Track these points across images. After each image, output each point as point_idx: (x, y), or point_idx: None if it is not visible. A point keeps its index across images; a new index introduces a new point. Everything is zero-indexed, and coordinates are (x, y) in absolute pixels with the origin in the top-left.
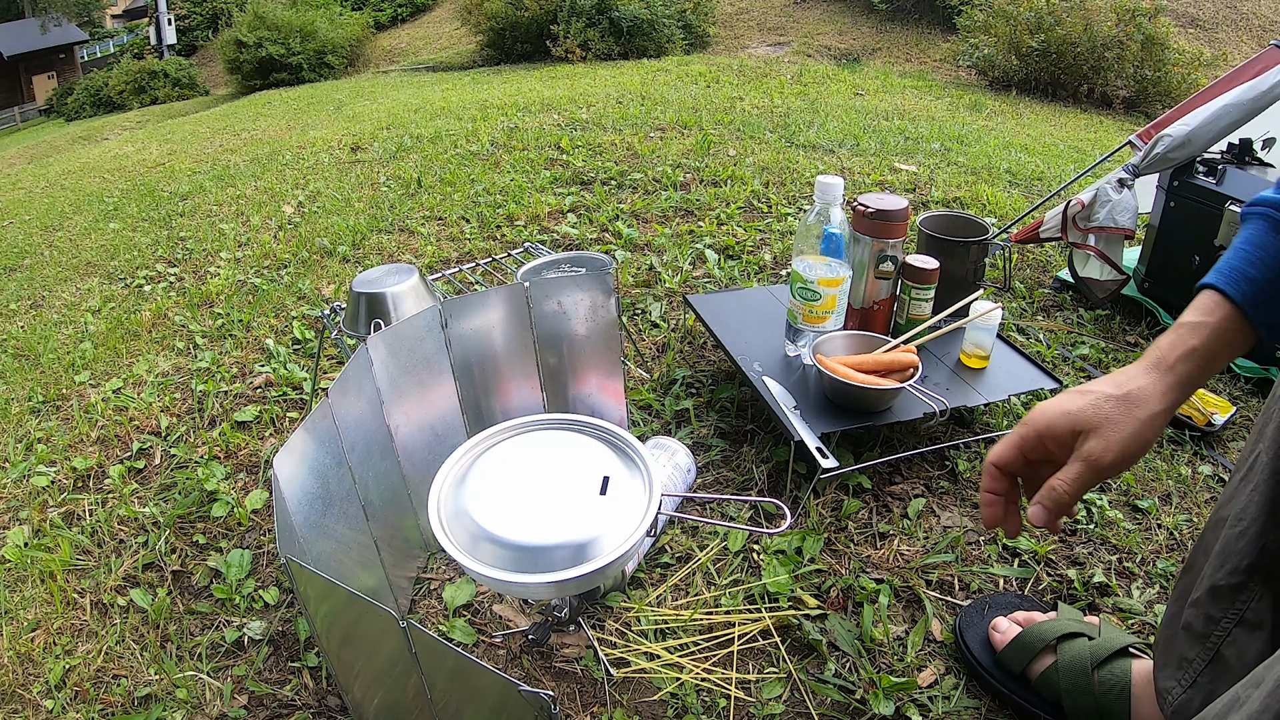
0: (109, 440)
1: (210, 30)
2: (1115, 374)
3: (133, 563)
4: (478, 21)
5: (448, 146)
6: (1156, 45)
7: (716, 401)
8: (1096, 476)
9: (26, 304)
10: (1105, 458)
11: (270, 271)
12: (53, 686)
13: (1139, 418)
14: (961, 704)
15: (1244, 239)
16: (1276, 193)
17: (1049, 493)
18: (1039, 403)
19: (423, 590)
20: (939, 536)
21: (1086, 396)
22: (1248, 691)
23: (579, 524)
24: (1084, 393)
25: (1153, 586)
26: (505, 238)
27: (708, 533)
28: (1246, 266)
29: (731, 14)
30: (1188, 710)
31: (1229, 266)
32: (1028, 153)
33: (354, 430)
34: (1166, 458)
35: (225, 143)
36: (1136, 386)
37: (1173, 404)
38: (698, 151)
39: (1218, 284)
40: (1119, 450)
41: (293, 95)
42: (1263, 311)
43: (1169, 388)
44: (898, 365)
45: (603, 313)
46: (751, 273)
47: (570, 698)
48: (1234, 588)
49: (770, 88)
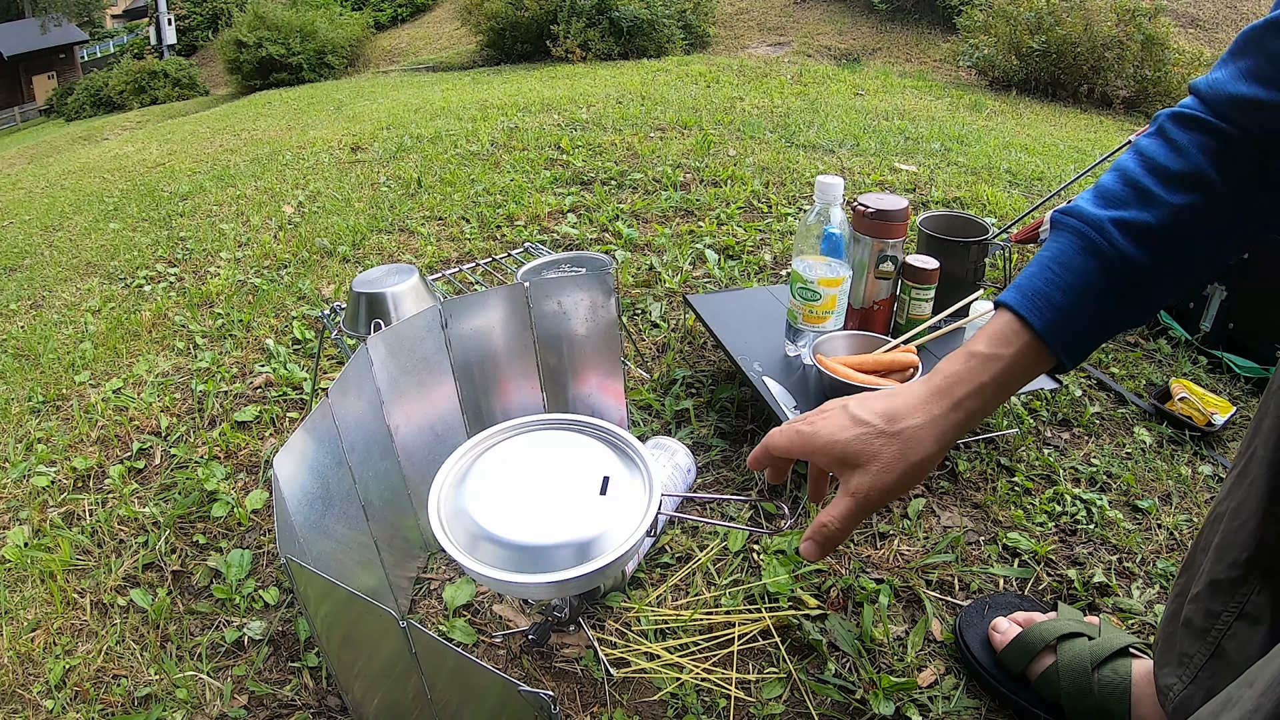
0: (109, 440)
1: (210, 30)
2: (894, 399)
3: (133, 563)
4: (478, 21)
5: (448, 146)
6: (1156, 45)
7: (716, 401)
8: (866, 513)
9: (26, 304)
10: (873, 496)
11: (270, 271)
12: (53, 686)
13: (911, 460)
14: (961, 704)
15: (1051, 255)
16: (1093, 205)
17: (820, 530)
18: (816, 416)
19: (423, 590)
20: (939, 536)
21: (859, 428)
22: (1240, 691)
23: (579, 524)
24: (857, 421)
25: (1153, 586)
26: (505, 238)
27: (708, 533)
28: (1051, 290)
29: (731, 14)
30: (1189, 706)
31: (1033, 289)
32: (1028, 153)
33: (354, 430)
34: (1166, 458)
35: (225, 143)
36: (912, 425)
37: (950, 443)
38: (698, 151)
39: (1018, 309)
40: (886, 491)
41: (293, 95)
42: (1064, 338)
43: (950, 427)
44: (898, 365)
45: (603, 313)
46: (751, 273)
47: (570, 698)
48: (1233, 582)
49: (770, 88)
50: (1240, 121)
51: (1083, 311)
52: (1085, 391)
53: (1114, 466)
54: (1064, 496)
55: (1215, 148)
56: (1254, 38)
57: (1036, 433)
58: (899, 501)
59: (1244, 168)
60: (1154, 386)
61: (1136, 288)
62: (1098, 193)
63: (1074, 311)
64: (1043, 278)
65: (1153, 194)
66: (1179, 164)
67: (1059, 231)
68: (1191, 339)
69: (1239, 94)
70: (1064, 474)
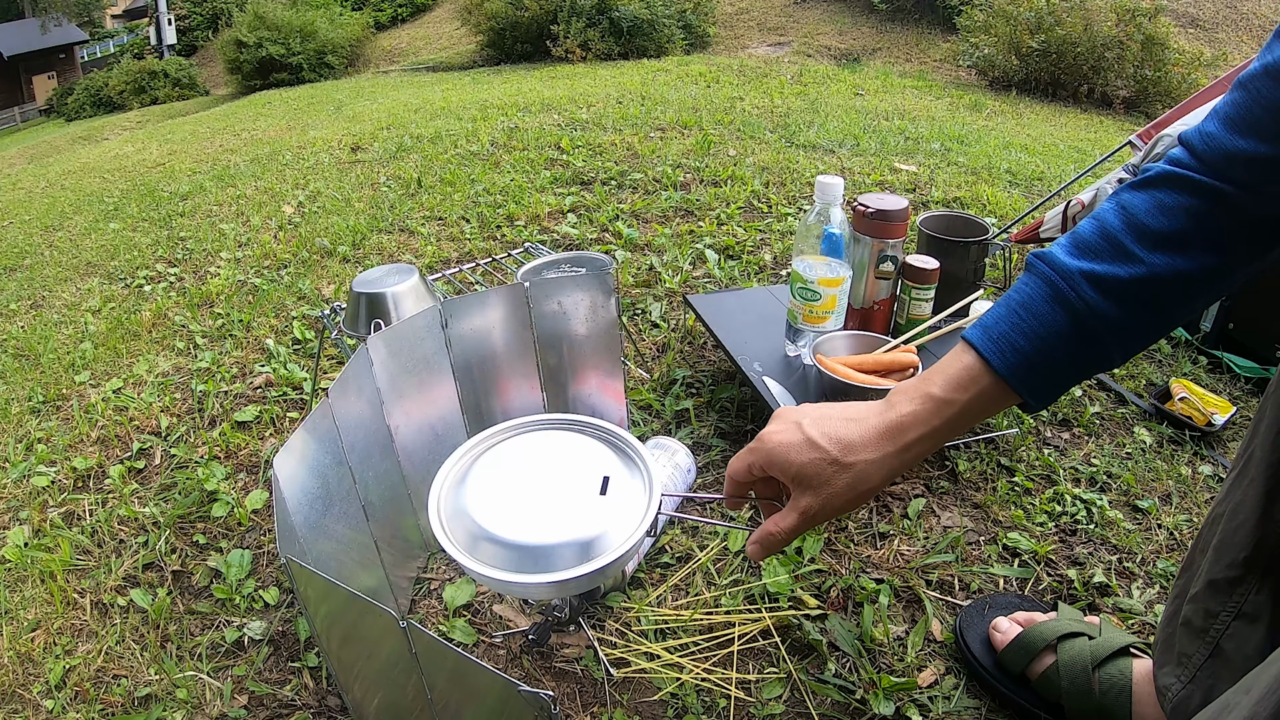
0: (109, 440)
1: (210, 30)
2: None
3: (133, 563)
4: (478, 21)
5: (448, 146)
6: (1156, 45)
7: (716, 401)
8: (810, 528)
9: (26, 304)
10: (820, 517)
11: (270, 271)
12: (53, 686)
13: (858, 490)
14: (962, 704)
15: (1020, 299)
16: (1066, 254)
17: (766, 538)
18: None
19: (423, 590)
20: (939, 536)
21: (813, 451)
22: (1238, 698)
23: (579, 524)
24: (811, 444)
25: (1153, 586)
26: (505, 238)
27: (708, 533)
28: (1016, 335)
29: (731, 14)
30: (1188, 706)
31: (999, 332)
32: (1028, 153)
33: (354, 430)
34: (1167, 458)
35: (225, 143)
36: (864, 460)
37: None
38: (698, 151)
39: (982, 351)
40: (832, 513)
41: (293, 95)
42: (1029, 381)
43: (900, 465)
44: (898, 365)
45: (603, 313)
46: (751, 273)
47: (570, 698)
48: (1231, 581)
49: (770, 88)
50: (1235, 176)
51: (1048, 358)
52: (1085, 391)
53: (1114, 466)
54: (1064, 496)
55: (1204, 211)
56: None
57: (1036, 433)
58: (899, 501)
59: (1233, 231)
60: (1154, 386)
61: (1106, 337)
62: (1074, 241)
63: (1039, 358)
64: (1009, 321)
65: (1130, 251)
66: (1162, 224)
67: (1030, 275)
68: (1191, 339)
69: (1236, 148)
70: (1064, 474)
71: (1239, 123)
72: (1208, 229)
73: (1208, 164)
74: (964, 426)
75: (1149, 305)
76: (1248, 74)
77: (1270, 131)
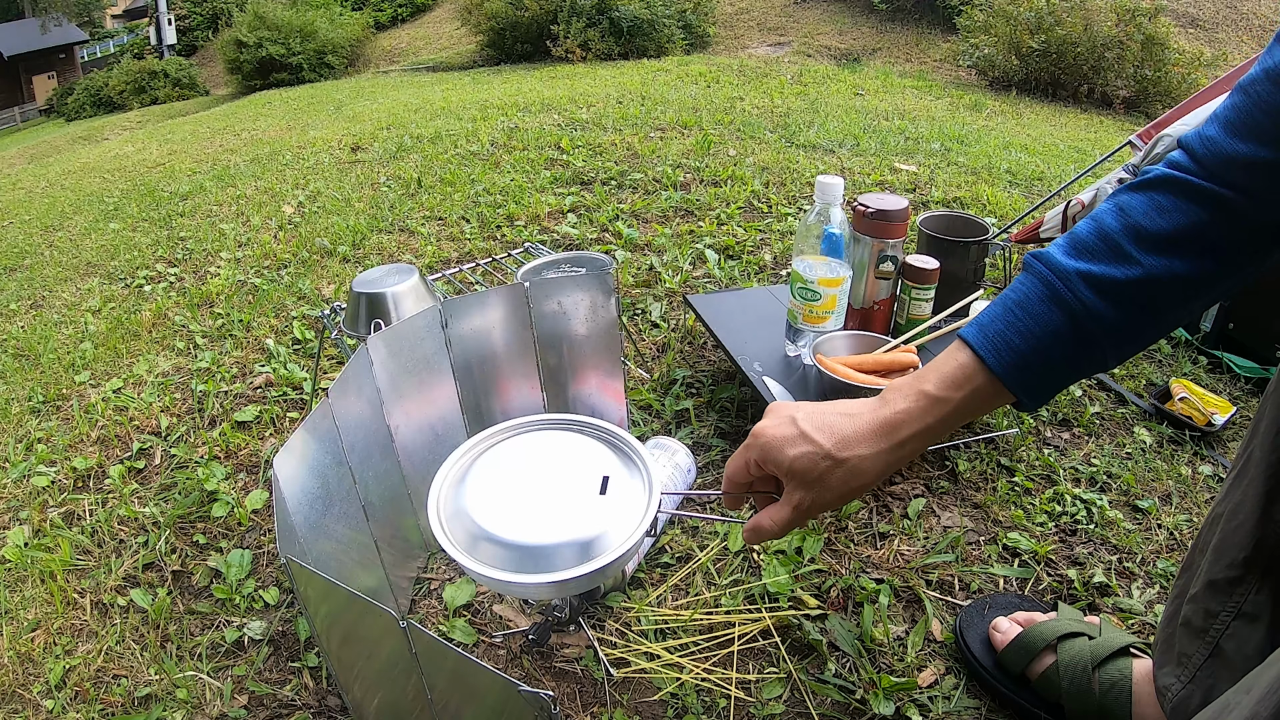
0: (109, 440)
1: (210, 30)
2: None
3: (133, 563)
4: (478, 21)
5: (448, 146)
6: (1156, 45)
7: (716, 401)
8: (802, 522)
9: (26, 304)
10: (813, 511)
11: (270, 271)
12: (53, 686)
13: (852, 486)
14: (962, 704)
15: (1017, 298)
16: (1063, 254)
17: (757, 531)
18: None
19: (423, 590)
20: (939, 536)
21: (807, 445)
22: (1238, 698)
23: (579, 524)
24: (805, 438)
25: (1153, 586)
26: (505, 238)
27: (708, 532)
28: (1011, 334)
29: (731, 14)
30: (1188, 706)
31: (995, 330)
32: (1028, 153)
33: (354, 430)
34: (1166, 458)
35: (225, 143)
36: (858, 455)
37: (890, 473)
38: (698, 151)
39: (978, 348)
40: (825, 507)
41: (293, 95)
42: (1024, 380)
43: (894, 461)
44: (898, 365)
45: (603, 313)
46: (751, 273)
47: (570, 698)
48: (1231, 581)
49: (770, 88)
50: (1234, 181)
51: (1043, 358)
52: (1085, 391)
53: (1114, 466)
54: (1064, 496)
55: (1202, 215)
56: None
57: (1036, 433)
58: (899, 501)
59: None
60: (1154, 386)
61: (1101, 338)
62: (1071, 241)
63: (1034, 357)
64: (1005, 320)
65: (1127, 253)
66: (1160, 227)
67: (1027, 274)
68: (1191, 339)
69: (1236, 153)
70: (1064, 474)
71: (1239, 127)
72: (1206, 233)
73: (1207, 168)
74: (958, 424)
75: (1145, 307)
76: (1248, 78)
77: (1270, 136)
